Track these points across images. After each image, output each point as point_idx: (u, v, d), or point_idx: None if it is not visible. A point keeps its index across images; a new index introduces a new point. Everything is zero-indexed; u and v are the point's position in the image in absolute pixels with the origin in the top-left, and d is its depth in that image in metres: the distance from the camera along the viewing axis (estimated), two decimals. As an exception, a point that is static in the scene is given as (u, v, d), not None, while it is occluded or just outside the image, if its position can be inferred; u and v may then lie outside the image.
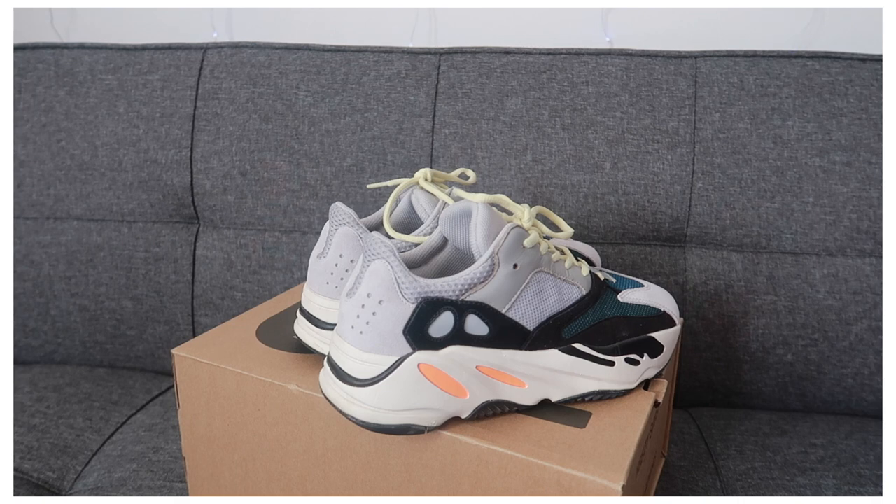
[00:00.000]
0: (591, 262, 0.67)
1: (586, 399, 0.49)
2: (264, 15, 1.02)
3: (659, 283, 0.83)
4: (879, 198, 0.78)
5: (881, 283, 0.79)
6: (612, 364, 0.49)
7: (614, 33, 0.95)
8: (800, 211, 0.80)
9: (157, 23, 1.04)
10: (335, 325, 0.50)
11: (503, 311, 0.45)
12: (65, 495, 0.70)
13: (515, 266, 0.45)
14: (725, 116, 0.81)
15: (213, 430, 0.56)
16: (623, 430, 0.46)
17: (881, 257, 0.79)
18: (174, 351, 0.56)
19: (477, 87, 0.85)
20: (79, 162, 0.89)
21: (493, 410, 0.46)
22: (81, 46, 0.93)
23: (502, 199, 0.47)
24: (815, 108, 0.80)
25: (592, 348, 0.48)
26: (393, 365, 0.43)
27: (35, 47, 0.93)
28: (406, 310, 0.42)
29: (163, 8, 1.04)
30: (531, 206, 0.46)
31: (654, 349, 0.51)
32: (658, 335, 0.52)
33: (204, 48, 0.91)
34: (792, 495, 0.68)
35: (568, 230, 0.49)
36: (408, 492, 0.49)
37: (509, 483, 0.45)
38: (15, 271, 0.90)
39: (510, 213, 0.49)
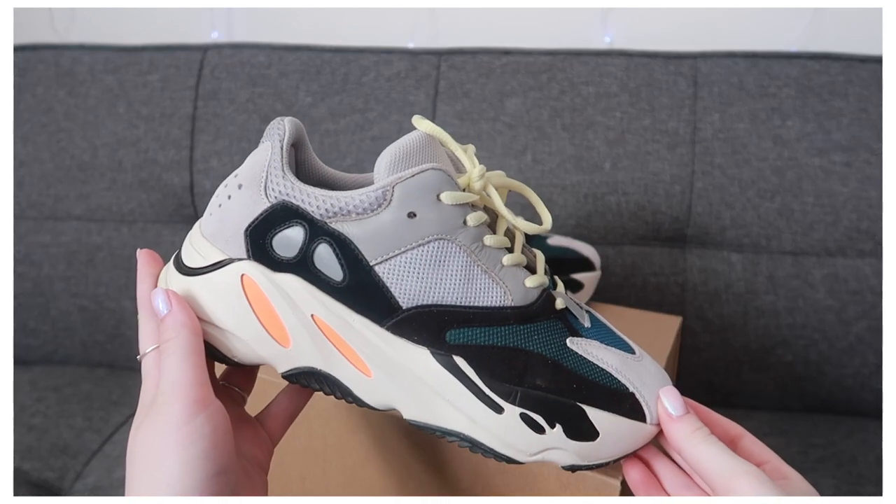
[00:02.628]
0: (590, 266, 0.67)
1: (449, 439, 0.36)
2: (264, 15, 1.02)
3: (659, 283, 0.83)
4: (879, 198, 0.78)
5: (881, 284, 0.79)
6: (499, 410, 0.35)
7: (614, 33, 0.95)
8: (799, 211, 0.80)
9: (157, 23, 1.04)
10: None
11: (370, 263, 0.34)
12: (65, 495, 0.70)
13: (412, 215, 0.34)
14: (725, 117, 0.81)
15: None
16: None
17: (881, 257, 0.79)
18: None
19: (477, 87, 0.85)
20: (79, 162, 0.89)
21: (319, 385, 0.37)
22: (81, 47, 0.93)
23: (450, 142, 0.36)
24: (815, 109, 0.80)
25: (480, 375, 0.35)
26: (216, 263, 0.36)
27: (35, 47, 0.93)
28: (259, 206, 0.35)
29: (163, 8, 1.04)
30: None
31: (580, 429, 0.35)
32: (597, 415, 0.35)
33: (204, 48, 0.91)
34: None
35: (545, 223, 0.38)
36: (407, 489, 0.49)
37: (508, 480, 0.45)
38: (15, 271, 0.90)
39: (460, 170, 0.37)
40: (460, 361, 0.35)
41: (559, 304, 0.37)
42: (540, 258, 0.39)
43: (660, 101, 0.82)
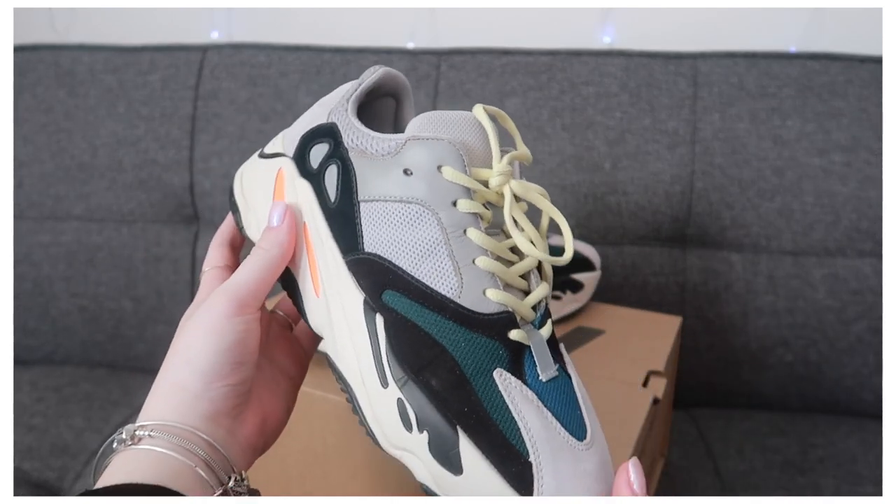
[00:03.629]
0: (590, 266, 0.67)
1: (339, 385, 0.36)
2: (264, 15, 1.02)
3: (659, 283, 0.83)
4: (879, 198, 0.78)
5: (880, 284, 0.79)
6: (384, 384, 0.34)
7: (614, 33, 0.95)
8: (799, 211, 0.80)
9: (157, 23, 1.04)
10: None
11: (359, 197, 0.36)
12: (65, 495, 0.70)
13: (408, 172, 0.34)
14: (725, 117, 0.81)
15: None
16: (622, 426, 0.46)
17: (881, 257, 0.79)
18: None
19: (477, 87, 0.85)
20: (79, 162, 0.89)
21: (290, 290, 0.40)
22: (81, 47, 0.93)
23: (512, 127, 0.38)
24: (815, 109, 0.80)
25: (388, 344, 0.34)
26: (275, 154, 0.41)
27: (35, 47, 0.93)
28: (318, 120, 0.39)
29: (163, 8, 1.04)
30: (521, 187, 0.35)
31: (446, 453, 0.32)
32: (469, 452, 0.31)
33: (204, 48, 0.91)
34: (792, 495, 0.68)
35: (566, 255, 0.35)
36: (408, 490, 0.49)
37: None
38: (15, 271, 0.90)
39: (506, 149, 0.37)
40: (379, 323, 0.34)
41: (516, 336, 0.33)
42: (537, 295, 0.35)
43: (660, 101, 0.82)
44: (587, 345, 0.60)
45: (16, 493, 0.68)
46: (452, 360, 0.33)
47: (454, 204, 0.34)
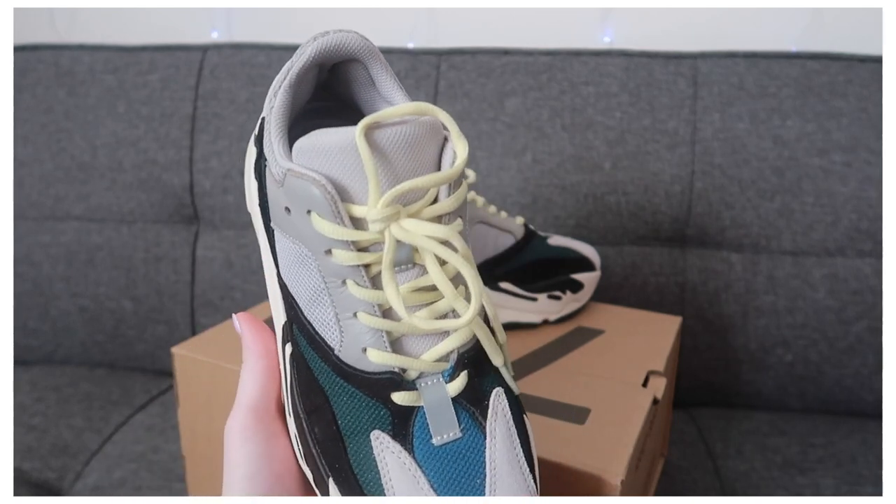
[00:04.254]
0: (590, 266, 0.67)
1: None
2: (264, 15, 1.02)
3: (658, 283, 0.83)
4: (879, 198, 0.78)
5: (880, 284, 0.79)
6: (290, 414, 0.33)
7: (614, 33, 0.95)
8: (799, 211, 0.80)
9: (157, 23, 1.04)
10: None
11: (269, 222, 0.34)
12: (65, 495, 0.70)
13: (287, 210, 0.31)
14: (725, 117, 0.81)
15: (213, 428, 0.56)
16: (622, 426, 0.46)
17: (881, 257, 0.79)
18: (174, 349, 0.56)
19: (477, 87, 0.85)
20: (79, 162, 0.89)
21: None
22: (81, 47, 0.93)
23: (453, 129, 0.31)
24: (815, 109, 0.80)
25: (293, 380, 0.33)
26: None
27: (35, 47, 0.93)
28: (266, 111, 0.36)
29: (162, 8, 1.04)
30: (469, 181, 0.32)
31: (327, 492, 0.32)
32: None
33: (204, 48, 0.91)
34: (792, 495, 0.68)
35: (464, 318, 0.29)
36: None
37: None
38: (15, 271, 0.90)
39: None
40: (287, 352, 0.33)
41: (399, 399, 0.30)
42: (445, 347, 0.31)
43: (660, 101, 0.83)
44: (587, 345, 0.60)
45: (16, 493, 0.68)
46: (331, 413, 0.31)
47: (329, 253, 0.30)
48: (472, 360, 0.32)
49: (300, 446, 0.32)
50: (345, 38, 0.33)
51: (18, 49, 0.93)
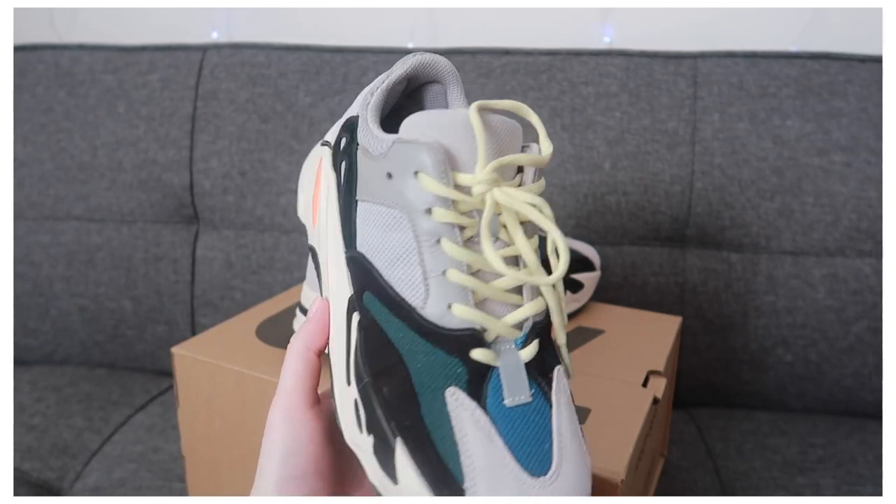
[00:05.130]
0: (590, 266, 0.67)
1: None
2: (264, 15, 1.02)
3: (658, 283, 0.83)
4: (879, 198, 0.78)
5: (880, 283, 0.79)
6: (348, 382, 0.34)
7: (614, 33, 0.95)
8: (799, 211, 0.80)
9: (157, 23, 1.04)
10: None
11: (356, 197, 0.36)
12: (65, 495, 0.70)
13: (390, 176, 0.33)
14: (725, 117, 0.81)
15: (213, 428, 0.56)
16: (622, 425, 0.46)
17: (881, 257, 0.79)
18: (174, 349, 0.56)
19: (477, 87, 0.85)
20: (78, 162, 0.89)
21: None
22: (81, 47, 0.93)
23: (536, 121, 0.34)
24: (815, 109, 0.80)
25: (358, 344, 0.34)
26: (325, 142, 0.43)
27: (35, 47, 0.93)
28: (354, 111, 0.40)
29: (162, 8, 1.04)
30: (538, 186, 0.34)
31: (386, 459, 0.31)
32: (405, 464, 0.30)
33: (203, 48, 0.91)
34: (791, 495, 0.68)
35: (555, 274, 0.31)
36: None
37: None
38: (15, 271, 0.90)
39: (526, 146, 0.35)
40: (355, 321, 0.34)
41: (478, 356, 0.31)
42: (522, 313, 0.33)
43: (660, 101, 0.83)
44: (587, 345, 0.60)
45: (16, 493, 0.68)
46: (406, 371, 0.32)
47: (429, 212, 0.32)
48: (542, 332, 0.34)
49: (363, 411, 0.32)
50: (437, 59, 0.39)
51: (18, 49, 0.93)
